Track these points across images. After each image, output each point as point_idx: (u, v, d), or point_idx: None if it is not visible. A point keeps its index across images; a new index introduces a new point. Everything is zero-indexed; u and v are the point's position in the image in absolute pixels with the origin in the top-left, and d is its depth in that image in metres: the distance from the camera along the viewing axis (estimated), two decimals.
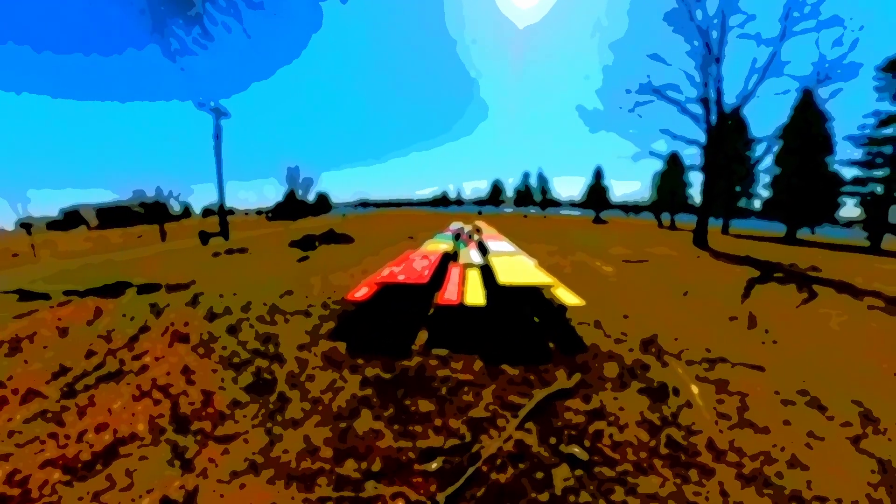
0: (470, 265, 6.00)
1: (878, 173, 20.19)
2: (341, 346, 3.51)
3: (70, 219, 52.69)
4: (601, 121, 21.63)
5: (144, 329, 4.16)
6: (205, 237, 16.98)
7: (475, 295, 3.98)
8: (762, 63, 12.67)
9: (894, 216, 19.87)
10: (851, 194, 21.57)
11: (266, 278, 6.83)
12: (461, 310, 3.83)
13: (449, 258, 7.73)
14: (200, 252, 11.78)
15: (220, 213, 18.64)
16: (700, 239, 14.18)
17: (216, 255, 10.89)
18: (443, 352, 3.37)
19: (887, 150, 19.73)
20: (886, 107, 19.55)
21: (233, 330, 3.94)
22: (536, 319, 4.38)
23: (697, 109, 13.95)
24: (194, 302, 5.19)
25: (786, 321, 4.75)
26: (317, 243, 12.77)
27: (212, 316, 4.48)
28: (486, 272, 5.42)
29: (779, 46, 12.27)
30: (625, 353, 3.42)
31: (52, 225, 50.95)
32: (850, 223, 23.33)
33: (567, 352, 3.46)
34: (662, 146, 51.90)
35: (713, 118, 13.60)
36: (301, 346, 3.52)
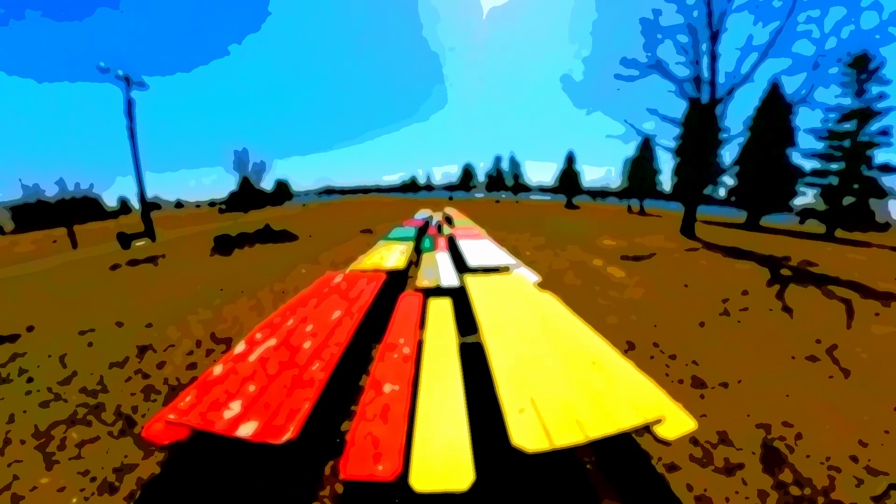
0: (436, 291, 4.13)
1: (834, 166, 20.44)
2: None
3: None
4: (586, 97, 20.64)
5: None
6: (125, 240, 14.08)
7: (443, 468, 1.35)
8: (758, 41, 11.50)
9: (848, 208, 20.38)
10: (811, 185, 21.90)
11: (142, 312, 4.71)
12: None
13: (401, 278, 5.67)
14: (99, 264, 9.22)
15: (143, 208, 15.60)
16: (688, 228, 13.17)
17: (115, 267, 8.45)
18: None
19: (846, 143, 19.91)
20: (849, 102, 19.59)
21: None
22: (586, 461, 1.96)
23: (690, 89, 12.73)
24: None
25: (861, 356, 3.42)
26: (236, 247, 10.48)
27: None
28: (463, 301, 3.59)
29: (785, 20, 11.05)
30: None
31: None
32: (787, 210, 24.17)
33: None
34: (651, 126, 51.79)
35: (706, 98, 12.41)
36: None
